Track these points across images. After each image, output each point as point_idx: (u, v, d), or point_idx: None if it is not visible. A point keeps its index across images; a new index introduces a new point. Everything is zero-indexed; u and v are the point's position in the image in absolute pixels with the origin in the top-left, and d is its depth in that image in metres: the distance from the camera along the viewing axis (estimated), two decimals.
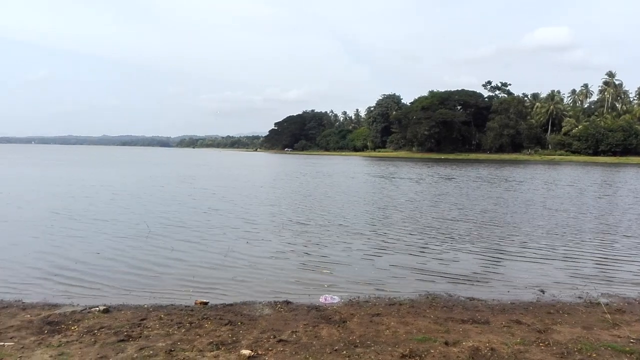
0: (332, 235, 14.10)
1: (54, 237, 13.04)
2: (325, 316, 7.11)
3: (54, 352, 5.46)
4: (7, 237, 13.09)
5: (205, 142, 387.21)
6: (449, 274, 10.20)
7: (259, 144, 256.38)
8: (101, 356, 5.36)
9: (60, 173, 41.44)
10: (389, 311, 7.47)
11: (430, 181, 37.51)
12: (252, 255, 11.38)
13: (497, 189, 30.97)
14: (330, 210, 19.38)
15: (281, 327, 6.54)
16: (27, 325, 6.47)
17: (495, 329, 6.67)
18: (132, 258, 10.98)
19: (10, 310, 7.24)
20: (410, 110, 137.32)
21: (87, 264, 10.33)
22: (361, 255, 11.65)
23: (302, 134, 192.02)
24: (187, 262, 10.74)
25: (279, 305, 7.68)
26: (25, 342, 5.80)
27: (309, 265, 10.68)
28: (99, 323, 6.56)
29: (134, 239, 13.00)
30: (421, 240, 13.59)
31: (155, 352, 5.50)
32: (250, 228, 14.96)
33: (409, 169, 59.03)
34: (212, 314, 7.12)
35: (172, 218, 16.75)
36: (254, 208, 19.90)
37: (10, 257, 10.75)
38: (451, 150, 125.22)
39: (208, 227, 15.06)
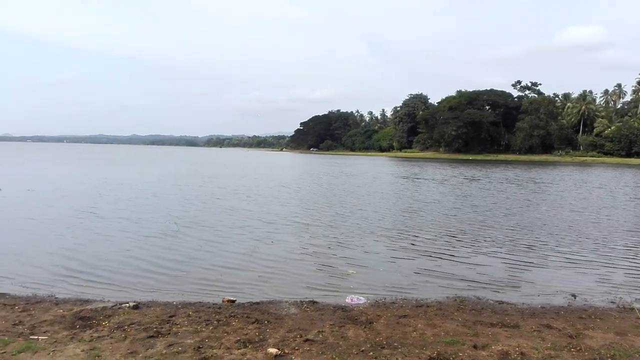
0: (356, 236, 14.05)
1: (84, 235, 13.36)
2: (352, 317, 7.09)
3: (86, 346, 5.59)
4: (39, 234, 13.46)
5: (232, 141, 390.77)
6: (475, 277, 10.05)
7: (284, 144, 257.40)
8: (131, 351, 5.46)
9: (90, 171, 42.40)
10: (416, 313, 7.41)
11: (454, 182, 37.00)
12: (277, 255, 11.43)
13: (524, 191, 30.35)
14: (354, 212, 19.31)
15: (307, 327, 6.55)
16: (60, 320, 6.64)
17: (525, 333, 6.55)
18: (160, 256, 11.17)
19: (43, 305, 7.44)
20: (438, 110, 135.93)
21: (116, 261, 10.55)
22: (386, 257, 11.57)
23: (328, 134, 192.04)
24: (214, 260, 10.85)
25: (305, 305, 7.69)
26: (58, 337, 5.95)
27: (334, 265, 10.67)
28: (129, 319, 6.68)
29: (161, 237, 13.21)
30: (446, 243, 13.41)
31: (183, 348, 5.57)
32: (274, 228, 15.02)
33: (434, 169, 58.44)
34: (239, 312, 7.18)
35: (199, 217, 16.96)
36: (277, 208, 19.98)
37: (42, 254, 11.07)
38: (479, 151, 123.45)
39: (233, 226, 15.19)
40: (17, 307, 7.24)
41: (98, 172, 41.79)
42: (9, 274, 9.28)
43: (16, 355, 5.25)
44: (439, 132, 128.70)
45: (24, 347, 5.49)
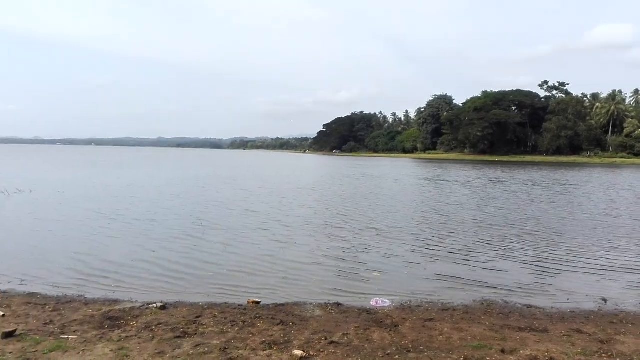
0: (379, 239, 13.98)
1: (111, 236, 13.60)
2: (377, 319, 7.06)
3: (115, 346, 5.68)
4: (69, 235, 13.76)
5: (256, 144, 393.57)
6: (502, 280, 9.89)
7: (307, 146, 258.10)
8: (159, 352, 5.52)
9: (117, 174, 43.18)
10: (442, 317, 7.33)
11: (477, 184, 36.48)
12: (300, 257, 11.45)
13: (549, 193, 29.74)
14: (375, 214, 19.23)
15: (332, 329, 6.53)
16: (89, 319, 6.77)
17: (554, 338, 6.42)
18: (186, 257, 11.29)
19: (73, 305, 7.60)
20: (463, 111, 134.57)
21: (143, 262, 10.71)
22: (409, 260, 11.46)
23: (351, 136, 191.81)
24: (239, 262, 10.92)
25: (329, 307, 7.68)
26: (87, 336, 6.06)
27: (357, 268, 10.62)
28: (156, 319, 6.77)
29: (187, 239, 13.35)
30: (471, 246, 13.22)
31: (210, 349, 5.62)
32: (297, 230, 15.04)
33: (458, 171, 57.80)
34: (265, 313, 7.21)
35: (223, 219, 17.11)
36: (299, 211, 20.00)
37: (72, 255, 11.30)
38: (505, 152, 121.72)
39: (256, 228, 15.26)
40: (47, 306, 7.41)
41: (124, 174, 42.52)
42: (40, 274, 9.51)
43: (47, 354, 5.37)
44: (464, 133, 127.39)
45: (55, 346, 5.61)
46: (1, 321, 6.59)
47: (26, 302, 7.60)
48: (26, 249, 11.70)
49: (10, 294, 8.17)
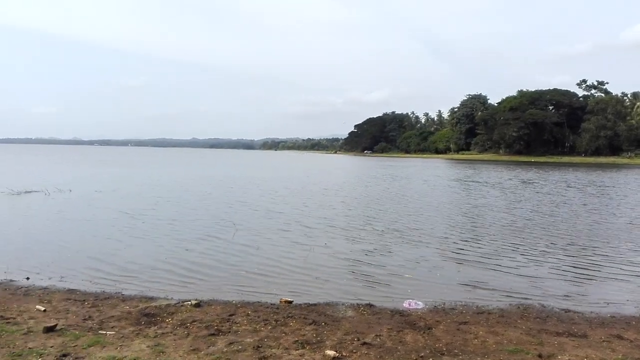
0: (408, 241, 13.83)
1: (147, 234, 13.91)
2: (410, 321, 6.99)
3: (151, 342, 5.79)
4: (107, 233, 14.11)
5: (287, 144, 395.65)
6: (538, 284, 9.64)
7: (338, 147, 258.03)
8: (194, 348, 5.60)
9: (153, 174, 44.10)
10: (477, 320, 7.20)
11: (508, 185, 35.63)
12: (331, 258, 11.43)
13: (582, 195, 28.80)
14: (404, 216, 19.06)
15: (365, 330, 6.50)
16: (126, 316, 6.92)
17: (593, 344, 6.22)
18: (219, 256, 11.43)
19: (111, 301, 7.79)
20: (498, 110, 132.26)
21: (177, 260, 10.90)
22: (441, 263, 11.29)
23: (382, 136, 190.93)
24: (270, 261, 10.98)
25: (361, 308, 7.65)
26: (124, 332, 6.20)
27: (389, 269, 10.53)
28: (191, 317, 6.87)
29: (219, 238, 13.52)
30: (503, 249, 12.93)
31: (243, 347, 5.67)
32: (327, 231, 14.99)
33: (489, 172, 56.77)
34: (297, 312, 7.23)
35: (254, 219, 17.30)
36: (329, 212, 19.96)
37: (109, 252, 11.60)
38: (542, 152, 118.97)
39: (288, 229, 15.31)
40: (86, 302, 7.62)
41: (159, 174, 43.42)
42: (79, 271, 9.78)
43: (86, 348, 5.51)
44: (499, 134, 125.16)
45: (94, 341, 5.75)
46: (42, 316, 6.80)
47: (66, 298, 7.83)
48: (65, 247, 12.05)
49: (50, 290, 8.43)
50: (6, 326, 6.24)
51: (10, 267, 9.81)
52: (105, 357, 5.25)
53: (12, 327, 6.23)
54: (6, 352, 5.33)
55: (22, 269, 9.74)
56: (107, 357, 5.23)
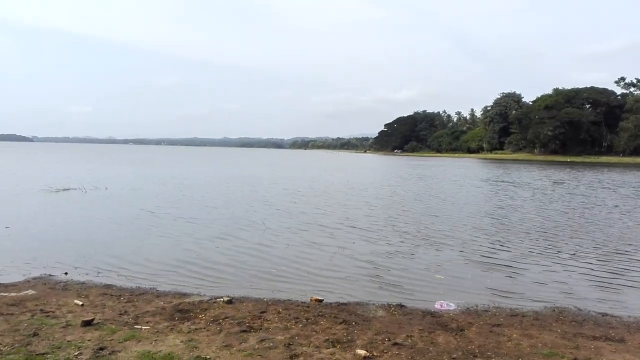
0: (437, 242, 13.69)
1: (180, 231, 14.16)
2: (441, 322, 6.91)
3: (184, 337, 5.89)
4: (141, 229, 14.43)
5: (316, 143, 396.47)
6: (573, 287, 9.41)
7: (367, 146, 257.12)
8: (226, 344, 5.68)
9: (187, 172, 44.87)
10: (510, 322, 7.08)
11: (538, 186, 34.63)
12: (360, 257, 11.39)
13: (614, 196, 27.81)
14: (432, 217, 18.89)
15: (395, 330, 6.46)
16: (161, 311, 7.06)
17: (632, 349, 6.04)
18: (249, 253, 11.54)
19: (146, 297, 7.96)
20: (532, 109, 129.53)
21: (209, 257, 11.08)
22: (473, 264, 11.12)
23: (413, 135, 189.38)
24: (300, 259, 11.03)
25: (392, 308, 7.61)
26: (159, 327, 6.33)
27: (419, 270, 10.43)
28: (223, 313, 6.97)
29: (249, 236, 13.65)
30: (535, 251, 12.66)
31: (275, 344, 5.71)
32: (357, 230, 14.95)
33: (520, 172, 55.60)
34: (327, 311, 7.24)
35: (283, 218, 17.39)
36: (356, 212, 19.88)
37: (144, 248, 11.87)
38: (578, 152, 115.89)
39: (316, 227, 15.35)
40: (122, 297, 7.81)
41: (191, 173, 44.12)
42: (115, 266, 10.03)
43: (122, 342, 5.64)
44: (533, 133, 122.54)
45: (129, 335, 5.89)
46: (80, 310, 7.00)
47: (103, 293, 8.04)
48: (101, 243, 12.37)
49: (88, 285, 8.67)
50: (46, 319, 6.46)
51: (49, 262, 10.14)
52: (141, 351, 5.37)
53: (52, 320, 6.44)
54: (46, 344, 5.51)
55: (61, 264, 10.04)
56: (142, 352, 5.35)
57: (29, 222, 15.12)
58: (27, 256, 10.62)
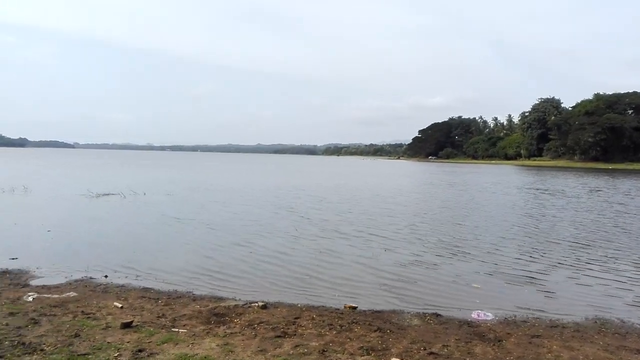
0: (476, 249, 13.45)
1: (215, 236, 14.37)
2: (479, 333, 6.77)
3: (220, 341, 5.96)
4: (177, 234, 14.69)
5: (349, 150, 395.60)
6: (615, 298, 9.08)
7: (401, 152, 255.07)
8: (261, 349, 5.71)
9: (221, 179, 45.51)
10: (550, 334, 6.87)
11: (572, 194, 33.54)
12: (394, 265, 11.29)
13: None
14: (468, 224, 18.55)
15: (431, 340, 6.36)
16: (197, 315, 7.16)
17: None
18: (283, 259, 11.62)
19: (182, 300, 8.10)
20: (572, 115, 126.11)
21: (244, 262, 11.19)
22: (511, 273, 10.85)
23: (448, 142, 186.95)
24: (333, 266, 11.03)
25: (428, 317, 7.50)
26: (195, 330, 6.42)
27: (453, 278, 10.26)
28: (258, 318, 7.02)
29: (283, 242, 13.74)
30: (576, 261, 12.25)
31: (309, 350, 5.71)
32: (389, 238, 14.79)
33: (556, 179, 53.93)
34: (361, 319, 7.20)
35: (315, 223, 17.41)
36: (388, 219, 19.76)
37: (181, 253, 12.09)
38: (621, 159, 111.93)
39: (349, 234, 15.31)
40: (160, 301, 7.96)
41: (226, 179, 44.72)
42: (153, 270, 10.24)
43: (160, 345, 5.75)
44: (573, 139, 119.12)
45: (167, 338, 6.00)
46: (120, 312, 7.17)
47: (141, 296, 8.22)
48: (140, 247, 12.66)
49: (127, 287, 8.87)
50: (87, 321, 6.64)
51: (90, 265, 10.43)
52: (178, 354, 5.46)
53: (92, 322, 6.62)
54: (87, 345, 5.67)
55: (101, 267, 10.31)
56: (179, 354, 5.44)
57: (70, 226, 15.61)
58: (69, 259, 10.96)
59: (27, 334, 5.98)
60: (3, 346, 5.49)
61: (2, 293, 7.99)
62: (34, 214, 17.90)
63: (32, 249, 11.97)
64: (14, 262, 10.47)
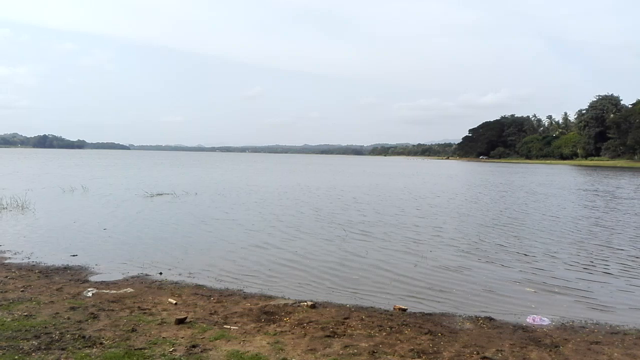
0: (528, 251, 13.02)
1: (264, 236, 14.57)
2: (534, 338, 6.55)
3: (271, 339, 6.03)
4: (229, 232, 14.99)
5: (397, 150, 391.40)
6: None
7: (450, 152, 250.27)
8: (311, 349, 5.74)
9: (268, 180, 46.06)
10: (610, 340, 6.57)
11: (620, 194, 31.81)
12: (443, 267, 11.09)
13: None
14: (517, 227, 17.98)
15: (484, 344, 6.21)
16: (248, 312, 7.28)
17: None
18: (330, 259, 11.64)
19: (233, 298, 8.25)
20: (632, 112, 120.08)
21: (292, 261, 11.30)
22: (569, 277, 10.45)
23: (500, 141, 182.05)
24: (381, 267, 10.95)
25: (480, 321, 7.32)
26: (246, 328, 6.53)
27: (507, 281, 9.98)
28: (307, 317, 7.06)
29: (330, 242, 13.77)
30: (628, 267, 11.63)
31: (359, 351, 5.69)
32: (437, 240, 14.53)
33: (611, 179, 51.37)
34: (411, 321, 7.11)
35: (363, 224, 17.33)
36: (435, 220, 19.45)
37: (232, 252, 12.32)
38: None
39: (396, 235, 15.15)
40: (212, 298, 8.14)
41: (274, 180, 45.23)
42: (205, 268, 10.49)
43: (213, 341, 5.88)
44: (633, 138, 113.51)
45: (219, 335, 6.13)
46: (174, 308, 7.39)
47: (194, 293, 8.43)
48: (192, 245, 12.98)
49: (180, 284, 9.12)
50: (143, 316, 6.88)
51: (145, 262, 10.80)
52: (230, 350, 5.56)
53: (148, 317, 6.85)
54: (144, 339, 5.87)
55: (156, 264, 10.66)
56: (231, 351, 5.54)
57: (126, 225, 16.21)
58: (125, 256, 11.38)
59: (87, 327, 6.26)
60: (65, 339, 5.76)
61: (63, 288, 8.39)
62: (92, 213, 18.70)
63: (91, 246, 12.51)
64: (74, 258, 10.98)
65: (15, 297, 7.56)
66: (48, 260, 10.68)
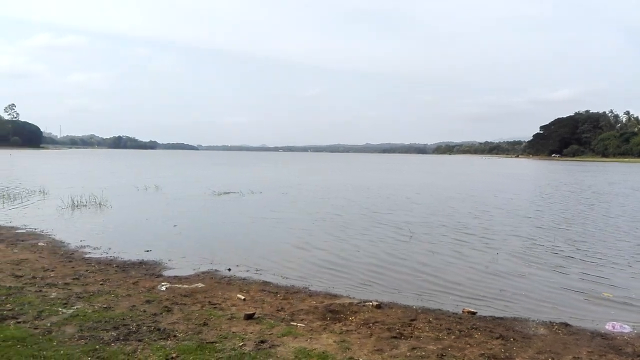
0: (600, 256, 12.25)
1: (326, 235, 14.66)
2: (614, 346, 6.18)
3: (337, 338, 6.05)
4: (294, 231, 15.19)
5: (462, 148, 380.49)
6: None
7: (520, 150, 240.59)
8: (377, 349, 5.70)
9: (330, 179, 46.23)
10: None
11: None
12: (513, 270, 10.66)
13: None
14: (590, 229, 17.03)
15: (560, 351, 5.93)
16: (313, 310, 7.33)
17: None
18: (395, 259, 11.53)
19: (299, 295, 8.34)
20: None
21: (356, 260, 11.31)
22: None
23: (574, 138, 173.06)
24: (450, 268, 10.73)
25: (555, 327, 6.99)
26: (313, 326, 6.58)
27: (582, 286, 9.47)
28: (373, 317, 7.02)
29: (395, 242, 13.64)
30: None
31: (427, 354, 5.59)
32: (506, 242, 14.01)
33: None
34: (481, 325, 6.90)
35: (427, 225, 17.01)
36: (503, 221, 18.75)
37: (296, 249, 12.49)
38: None
39: (462, 236, 14.72)
40: (279, 294, 8.27)
41: (335, 179, 45.36)
42: (272, 265, 10.69)
43: (280, 337, 5.98)
44: None
45: (286, 331, 6.22)
46: (242, 304, 7.57)
47: (261, 289, 8.60)
48: (259, 243, 13.28)
49: (248, 281, 9.34)
50: (214, 311, 7.10)
51: (214, 258, 11.14)
52: (297, 347, 5.63)
53: (219, 312, 7.06)
54: (215, 333, 6.05)
55: (224, 260, 10.95)
56: (299, 348, 5.61)
57: (196, 222, 16.82)
58: (196, 252, 11.79)
59: (161, 320, 6.54)
60: (142, 331, 6.05)
61: (139, 282, 8.80)
62: (163, 210, 19.53)
63: (163, 242, 13.04)
64: (148, 254, 11.49)
65: (95, 290, 8.02)
66: (124, 255, 11.24)
